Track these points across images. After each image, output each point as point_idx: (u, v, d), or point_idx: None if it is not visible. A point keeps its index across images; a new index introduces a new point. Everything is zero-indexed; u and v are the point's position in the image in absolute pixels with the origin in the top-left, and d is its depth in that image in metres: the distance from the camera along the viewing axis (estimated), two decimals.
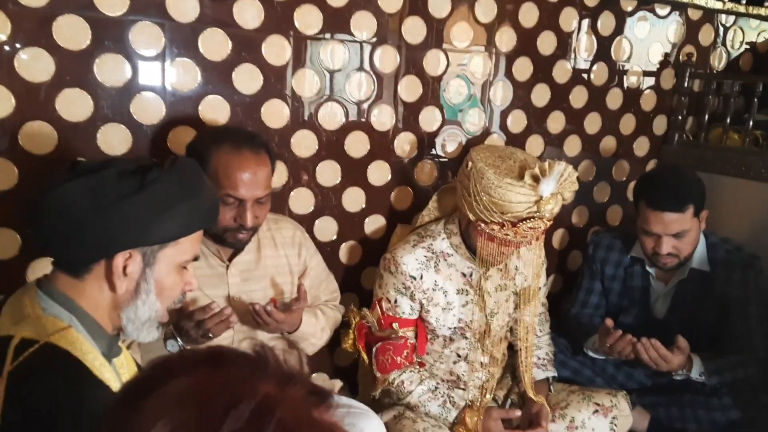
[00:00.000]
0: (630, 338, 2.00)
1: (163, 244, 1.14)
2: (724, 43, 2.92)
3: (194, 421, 0.53)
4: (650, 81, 2.77)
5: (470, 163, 1.81)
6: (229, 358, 0.61)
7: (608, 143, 2.74)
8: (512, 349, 2.21)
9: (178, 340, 1.61)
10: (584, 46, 2.57)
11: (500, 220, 1.75)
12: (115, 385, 1.11)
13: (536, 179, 1.70)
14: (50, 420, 0.97)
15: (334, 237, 2.28)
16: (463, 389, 2.03)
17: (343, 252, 2.32)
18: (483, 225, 1.80)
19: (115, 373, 1.21)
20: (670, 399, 2.22)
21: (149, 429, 0.52)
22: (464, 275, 1.98)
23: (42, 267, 1.77)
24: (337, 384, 1.79)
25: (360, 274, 2.37)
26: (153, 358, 0.72)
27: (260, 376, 0.58)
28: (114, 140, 1.82)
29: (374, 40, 2.15)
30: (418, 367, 2.01)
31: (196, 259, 1.23)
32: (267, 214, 1.76)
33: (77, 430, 0.97)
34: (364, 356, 2.02)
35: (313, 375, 2.26)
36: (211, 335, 1.59)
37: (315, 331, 1.90)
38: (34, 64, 1.70)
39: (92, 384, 1.05)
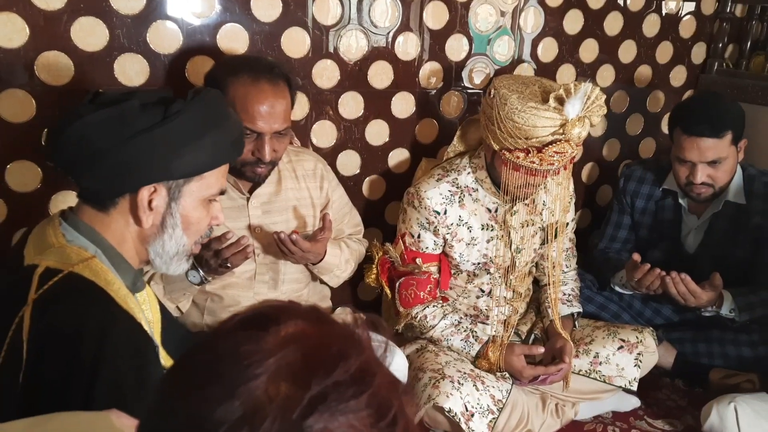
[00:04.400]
0: (659, 272, 1.96)
1: (188, 178, 1.14)
2: None
3: (307, 362, 0.54)
4: (690, 6, 2.62)
5: (493, 91, 1.75)
6: (330, 318, 0.62)
7: (643, 72, 2.63)
8: (537, 284, 2.18)
9: (199, 270, 1.61)
10: None
11: (525, 146, 1.70)
12: (139, 317, 1.11)
13: (561, 101, 1.64)
14: (76, 344, 0.98)
15: (357, 171, 2.24)
16: (487, 324, 2.02)
17: (366, 186, 2.28)
18: (507, 153, 1.74)
19: (139, 307, 1.21)
20: (697, 334, 2.20)
21: (262, 359, 0.53)
22: (489, 210, 1.94)
23: (64, 199, 1.78)
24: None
25: (383, 209, 2.34)
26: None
27: (362, 342, 0.59)
28: (131, 70, 1.78)
29: None
30: (441, 301, 2.00)
31: (222, 193, 1.22)
32: (286, 147, 1.72)
33: (102, 356, 0.98)
34: (387, 291, 2.01)
35: (337, 309, 2.27)
36: (229, 265, 1.58)
37: (339, 262, 1.88)
38: None
39: (117, 311, 1.05)
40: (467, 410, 1.76)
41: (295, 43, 1.98)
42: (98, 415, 0.86)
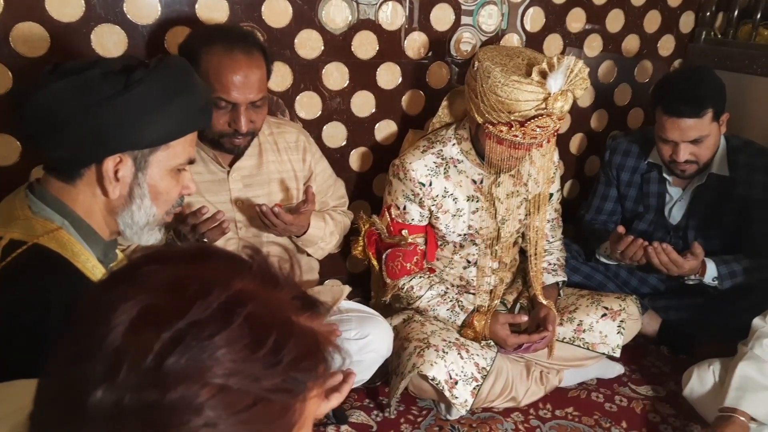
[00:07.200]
0: (641, 242, 1.97)
1: (154, 148, 1.11)
2: None
3: (161, 306, 0.52)
4: None
5: (477, 63, 1.73)
6: (214, 255, 0.60)
7: (631, 42, 2.60)
8: (524, 254, 2.19)
9: (179, 245, 1.61)
10: None
11: (508, 120, 1.69)
12: None
13: (544, 75, 1.62)
14: (42, 312, 0.97)
15: (344, 143, 2.23)
16: (473, 294, 2.03)
17: (354, 158, 2.27)
18: (491, 127, 1.73)
19: None
20: (682, 303, 2.22)
21: (116, 309, 0.52)
22: (474, 182, 1.93)
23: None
24: (346, 289, 1.79)
25: (371, 181, 2.33)
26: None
27: (240, 273, 0.57)
28: (109, 42, 1.76)
29: None
30: (427, 272, 2.00)
31: (191, 162, 1.20)
32: (264, 118, 1.71)
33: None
34: (374, 263, 2.01)
35: (326, 281, 2.28)
36: (206, 240, 1.57)
37: (324, 234, 1.88)
38: None
39: (82, 284, 1.04)
40: (451, 378, 1.77)
41: (277, 12, 1.95)
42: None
